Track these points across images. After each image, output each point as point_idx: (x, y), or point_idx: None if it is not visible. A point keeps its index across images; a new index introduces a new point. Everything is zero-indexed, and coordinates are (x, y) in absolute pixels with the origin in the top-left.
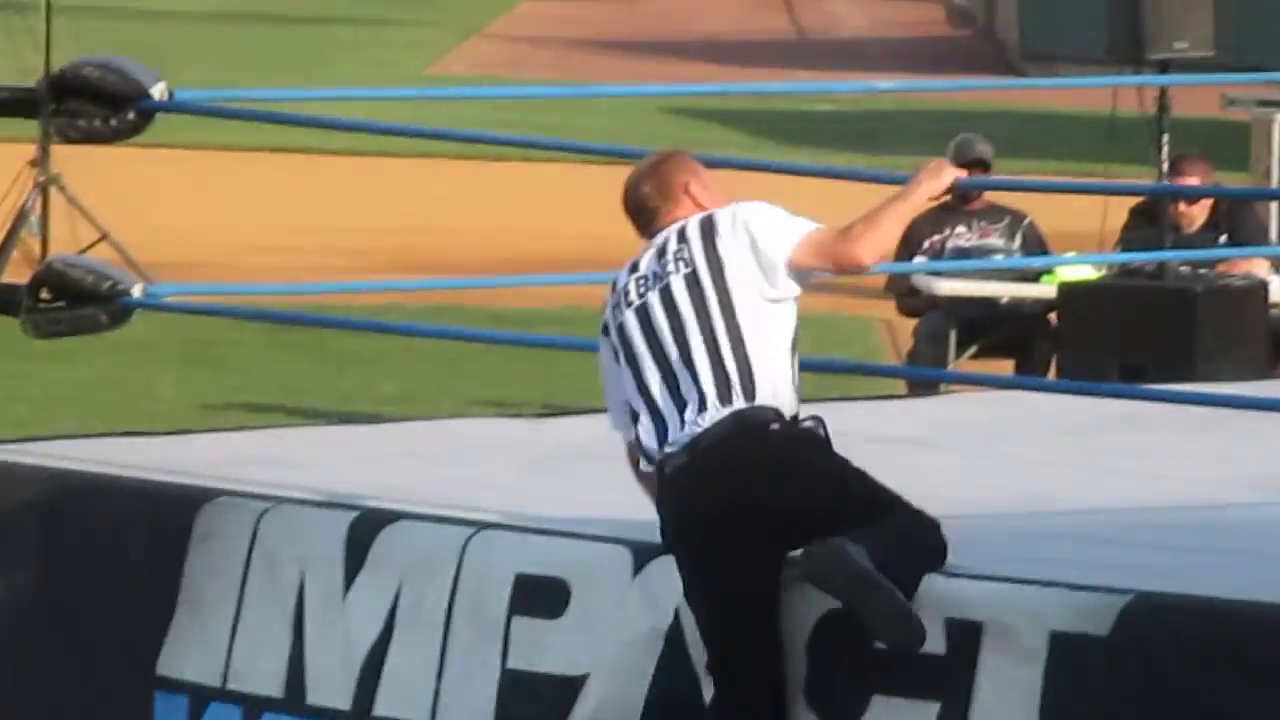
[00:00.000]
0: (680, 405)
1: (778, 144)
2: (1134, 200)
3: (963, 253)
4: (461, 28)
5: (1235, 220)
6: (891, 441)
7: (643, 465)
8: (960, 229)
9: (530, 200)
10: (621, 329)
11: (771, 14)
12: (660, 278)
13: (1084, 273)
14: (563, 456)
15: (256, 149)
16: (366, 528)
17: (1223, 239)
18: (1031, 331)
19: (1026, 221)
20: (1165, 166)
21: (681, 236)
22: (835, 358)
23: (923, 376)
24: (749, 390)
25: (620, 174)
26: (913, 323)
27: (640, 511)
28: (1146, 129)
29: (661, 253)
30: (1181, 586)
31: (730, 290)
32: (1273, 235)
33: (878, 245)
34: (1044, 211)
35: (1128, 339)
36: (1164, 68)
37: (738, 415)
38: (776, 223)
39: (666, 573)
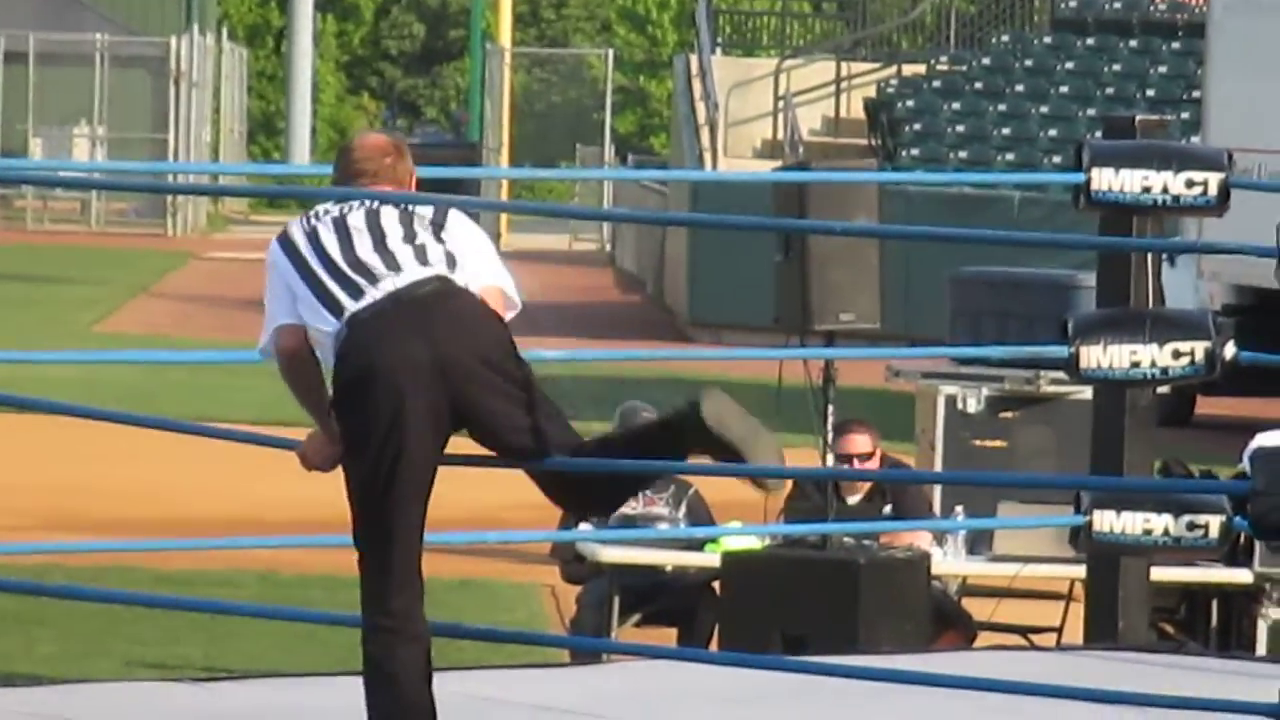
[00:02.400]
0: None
1: None
2: None
3: (628, 520)
4: (132, 285)
5: (899, 491)
6: (553, 710)
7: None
8: None
9: (192, 460)
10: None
11: None
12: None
13: (748, 542)
14: None
15: None
16: None
17: (886, 509)
18: (695, 600)
19: (691, 491)
20: (830, 436)
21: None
22: (498, 626)
23: (585, 646)
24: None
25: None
26: (577, 589)
27: None
28: (813, 398)
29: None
30: None
31: None
32: (936, 507)
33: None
34: (708, 481)
35: (791, 609)
36: (830, 339)
37: None
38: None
39: None
